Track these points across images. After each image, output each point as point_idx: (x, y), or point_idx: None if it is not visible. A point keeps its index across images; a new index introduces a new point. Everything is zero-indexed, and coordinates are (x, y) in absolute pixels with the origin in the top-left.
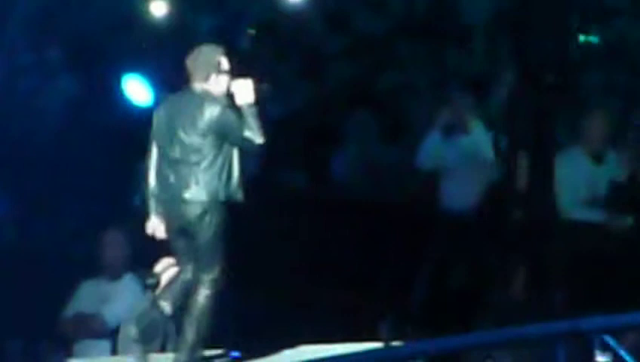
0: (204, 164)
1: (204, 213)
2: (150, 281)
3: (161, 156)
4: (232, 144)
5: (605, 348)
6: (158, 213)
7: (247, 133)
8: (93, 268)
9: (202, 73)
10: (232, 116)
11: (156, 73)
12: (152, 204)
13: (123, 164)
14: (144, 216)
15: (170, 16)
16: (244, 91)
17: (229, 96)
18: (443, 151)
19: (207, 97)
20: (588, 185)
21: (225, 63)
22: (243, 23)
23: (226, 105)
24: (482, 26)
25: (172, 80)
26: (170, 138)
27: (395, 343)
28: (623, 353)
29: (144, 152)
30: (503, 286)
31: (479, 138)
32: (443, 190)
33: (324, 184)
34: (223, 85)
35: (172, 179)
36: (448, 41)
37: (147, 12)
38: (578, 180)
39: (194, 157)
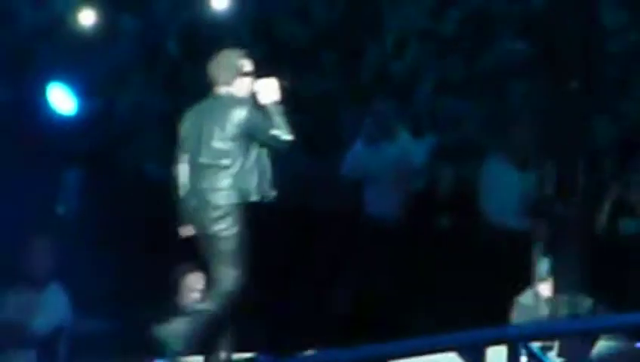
0: (235, 166)
1: (233, 214)
2: None
3: (191, 163)
4: (262, 143)
5: (531, 356)
6: (189, 221)
7: (275, 131)
8: (18, 276)
9: (226, 77)
10: (258, 116)
11: (80, 82)
12: (184, 212)
13: (47, 172)
14: (68, 225)
15: (96, 25)
16: (269, 90)
17: (253, 96)
18: (367, 159)
19: (232, 100)
20: (514, 193)
21: (247, 65)
22: (169, 31)
23: (251, 107)
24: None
25: (96, 89)
26: (199, 144)
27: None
28: (548, 360)
29: (68, 160)
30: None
31: (404, 146)
32: (368, 198)
33: None
34: (246, 87)
35: (202, 184)
36: (372, 49)
37: (74, 21)
38: (504, 188)
39: (224, 161)
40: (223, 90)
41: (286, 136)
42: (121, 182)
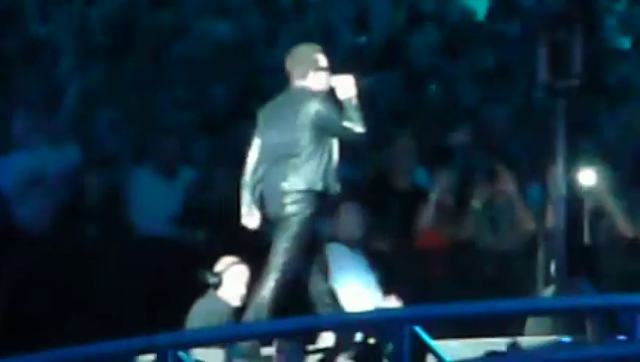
0: (303, 156)
1: (299, 202)
2: (213, 280)
3: (264, 151)
4: (333, 135)
5: None
6: (252, 206)
7: (347, 124)
8: None
9: (300, 71)
10: (328, 109)
11: None
12: (247, 197)
13: None
14: None
15: None
16: (345, 86)
17: (332, 90)
18: (7, 172)
19: (304, 93)
20: (160, 201)
21: (322, 60)
22: None
23: (322, 99)
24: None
25: None
26: (273, 134)
27: None
28: None
29: None
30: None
31: (44, 156)
32: (15, 212)
33: None
34: (322, 81)
35: (273, 171)
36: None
37: None
38: (151, 196)
39: (294, 150)
40: (297, 83)
41: (358, 128)
42: None
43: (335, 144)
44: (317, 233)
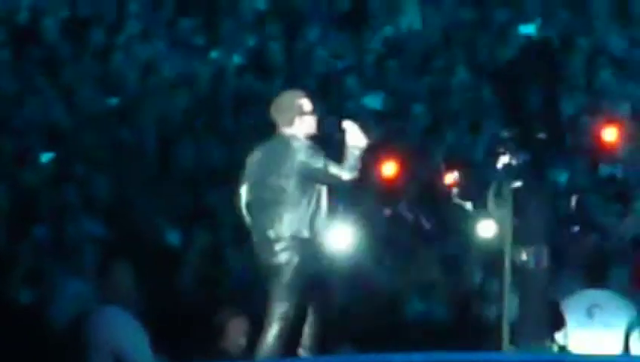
0: (289, 204)
1: (287, 250)
2: None
3: (253, 198)
4: (319, 182)
5: None
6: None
7: (335, 170)
8: None
9: (286, 118)
10: (312, 157)
11: None
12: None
13: None
14: None
15: None
16: (357, 134)
17: (342, 132)
18: None
19: (291, 141)
20: None
21: (307, 105)
22: None
23: (307, 148)
24: None
25: None
26: (261, 181)
27: None
28: None
29: None
30: None
31: None
32: None
33: None
34: (309, 126)
35: (262, 218)
36: None
37: None
38: None
39: (280, 198)
40: (284, 130)
41: (346, 176)
42: None
43: (324, 190)
44: (315, 276)
